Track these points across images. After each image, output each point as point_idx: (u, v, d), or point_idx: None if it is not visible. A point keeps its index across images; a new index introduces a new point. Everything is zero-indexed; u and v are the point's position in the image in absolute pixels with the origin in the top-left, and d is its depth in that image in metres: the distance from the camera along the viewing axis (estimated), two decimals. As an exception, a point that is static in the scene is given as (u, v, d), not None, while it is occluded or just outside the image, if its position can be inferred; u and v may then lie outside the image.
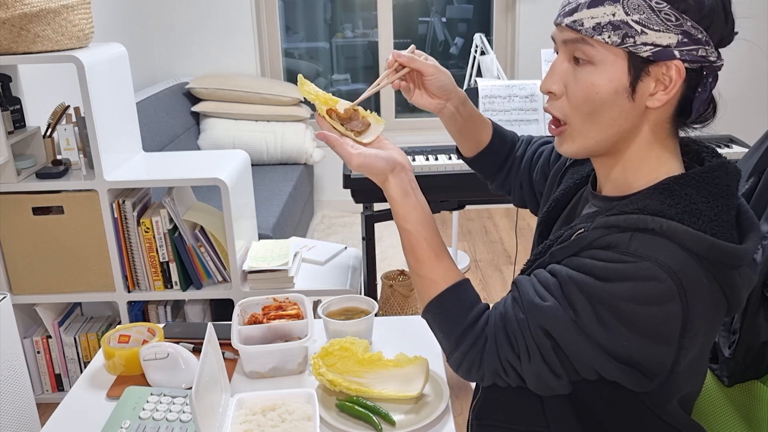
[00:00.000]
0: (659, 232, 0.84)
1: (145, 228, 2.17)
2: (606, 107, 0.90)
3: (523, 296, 0.92)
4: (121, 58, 2.25)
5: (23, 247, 2.18)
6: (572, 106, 0.93)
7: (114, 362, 1.28)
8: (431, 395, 1.18)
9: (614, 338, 0.86)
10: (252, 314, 1.34)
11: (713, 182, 0.90)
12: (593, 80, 0.89)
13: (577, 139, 0.94)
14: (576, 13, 0.89)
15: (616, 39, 0.86)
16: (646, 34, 0.86)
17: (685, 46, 0.86)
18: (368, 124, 1.10)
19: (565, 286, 0.88)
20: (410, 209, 1.01)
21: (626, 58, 0.87)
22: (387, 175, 1.01)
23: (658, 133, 0.93)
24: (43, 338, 2.33)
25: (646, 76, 0.88)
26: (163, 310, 2.37)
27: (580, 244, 0.90)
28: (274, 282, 2.14)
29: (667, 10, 0.85)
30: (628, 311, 0.84)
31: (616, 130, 0.92)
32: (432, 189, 2.33)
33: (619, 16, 0.86)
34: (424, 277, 1.01)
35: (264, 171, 3.64)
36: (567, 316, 0.87)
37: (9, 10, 1.91)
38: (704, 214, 0.87)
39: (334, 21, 4.32)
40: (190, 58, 3.97)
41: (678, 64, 0.87)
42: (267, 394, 1.12)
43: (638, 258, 0.83)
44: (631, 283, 0.83)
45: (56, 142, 2.24)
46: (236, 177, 2.20)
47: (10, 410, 1.78)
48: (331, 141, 1.01)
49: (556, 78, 0.94)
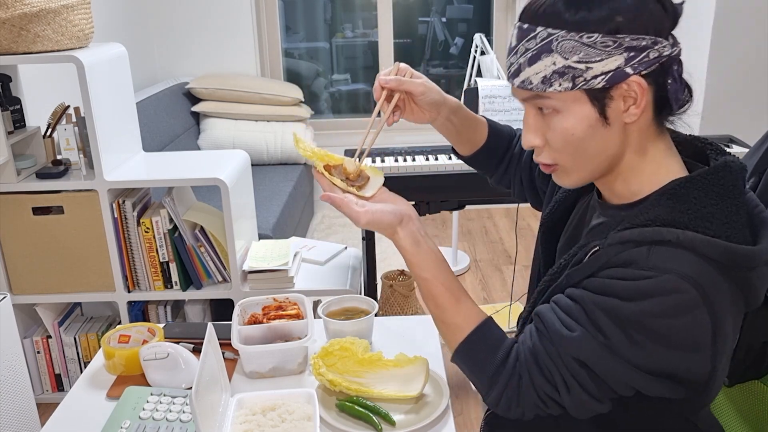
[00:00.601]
0: (676, 243, 0.84)
1: (145, 228, 2.17)
2: (587, 142, 0.91)
3: (549, 328, 0.92)
4: (121, 58, 2.25)
5: (23, 247, 2.18)
6: (557, 152, 0.94)
7: (114, 362, 1.28)
8: (431, 395, 1.17)
9: (649, 356, 0.86)
10: (252, 314, 1.34)
11: (719, 182, 0.90)
12: (564, 125, 0.91)
13: (573, 174, 0.96)
14: (521, 73, 0.91)
15: (567, 84, 0.88)
16: (591, 69, 0.87)
17: (634, 60, 0.87)
18: (367, 177, 1.11)
19: (590, 311, 0.88)
20: (424, 257, 1.02)
21: (585, 95, 0.89)
22: (396, 228, 1.02)
23: (646, 137, 0.94)
24: (43, 338, 2.33)
25: (611, 101, 0.89)
26: (163, 310, 2.37)
27: (597, 263, 0.90)
28: (274, 282, 2.14)
29: (600, 39, 0.86)
30: (657, 327, 0.84)
31: (606, 155, 0.93)
32: (432, 189, 2.33)
33: (559, 63, 0.87)
34: (448, 323, 1.01)
35: (264, 171, 3.64)
36: (597, 342, 0.87)
37: (9, 10, 1.91)
38: (716, 217, 0.87)
39: (334, 21, 4.32)
40: (190, 58, 3.96)
41: (635, 79, 0.87)
42: (267, 394, 1.12)
43: (659, 272, 0.83)
44: (655, 299, 0.83)
45: (56, 142, 2.24)
46: (236, 177, 2.20)
47: (10, 410, 1.78)
48: (336, 202, 1.02)
49: (533, 132, 0.95)
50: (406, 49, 4.32)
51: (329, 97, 4.41)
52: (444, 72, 4.47)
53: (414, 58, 4.38)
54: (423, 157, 2.37)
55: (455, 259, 3.40)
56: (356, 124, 4.30)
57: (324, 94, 4.41)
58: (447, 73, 4.46)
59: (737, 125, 2.96)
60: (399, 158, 2.38)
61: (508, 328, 2.78)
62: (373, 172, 1.12)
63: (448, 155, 2.39)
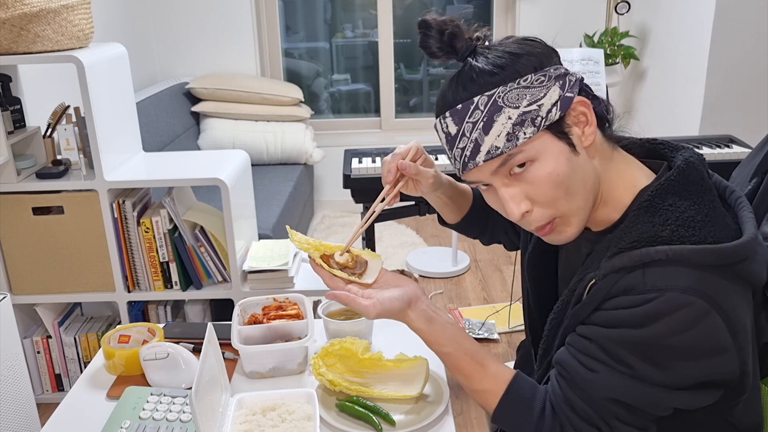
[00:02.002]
0: (666, 261, 0.85)
1: (145, 228, 2.17)
2: (572, 177, 0.91)
3: (574, 375, 0.92)
4: (121, 58, 2.25)
5: (23, 247, 2.18)
6: (548, 204, 0.92)
7: (114, 362, 1.28)
8: (431, 395, 1.17)
9: (677, 374, 0.86)
10: (252, 314, 1.34)
11: (688, 181, 0.91)
12: (548, 170, 0.90)
13: (572, 218, 0.94)
14: (481, 147, 0.90)
15: (531, 129, 0.89)
16: (543, 105, 0.89)
17: (566, 86, 0.91)
18: (365, 262, 1.08)
19: (607, 347, 0.89)
20: (440, 333, 1.03)
21: (549, 132, 0.90)
22: (406, 312, 1.02)
23: (603, 155, 0.96)
24: (43, 338, 2.33)
25: (570, 129, 0.92)
26: (163, 310, 2.37)
27: (599, 297, 0.90)
28: (274, 282, 2.14)
29: (533, 77, 0.90)
30: (676, 345, 0.85)
31: (590, 184, 0.94)
32: (432, 189, 2.33)
33: (514, 114, 0.89)
34: (478, 390, 1.01)
35: (264, 171, 3.64)
36: (623, 376, 0.88)
37: (9, 10, 1.91)
38: (696, 220, 0.88)
39: (334, 21, 4.32)
40: (190, 58, 3.96)
41: (576, 99, 0.92)
42: (267, 394, 1.12)
43: (659, 291, 0.84)
44: (665, 319, 0.84)
45: (56, 142, 2.24)
46: (236, 177, 2.20)
47: (10, 410, 1.78)
48: (342, 299, 1.01)
49: (517, 201, 0.93)
50: (406, 49, 4.32)
51: (329, 97, 4.41)
52: (444, 72, 4.46)
53: (414, 58, 4.38)
54: (423, 157, 2.36)
55: (455, 259, 3.40)
56: (356, 124, 4.30)
57: (324, 94, 4.41)
58: (447, 73, 4.44)
59: (737, 125, 2.96)
60: (399, 158, 2.38)
61: (508, 328, 2.78)
62: (369, 255, 1.10)
63: (448, 155, 2.39)
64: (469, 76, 0.91)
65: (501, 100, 0.89)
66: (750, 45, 2.99)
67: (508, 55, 0.91)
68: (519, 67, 0.90)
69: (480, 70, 0.91)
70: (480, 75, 0.90)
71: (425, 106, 4.49)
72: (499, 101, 0.89)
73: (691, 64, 3.17)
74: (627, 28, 3.68)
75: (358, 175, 2.32)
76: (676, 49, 3.33)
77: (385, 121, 4.27)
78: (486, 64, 0.91)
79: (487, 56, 0.92)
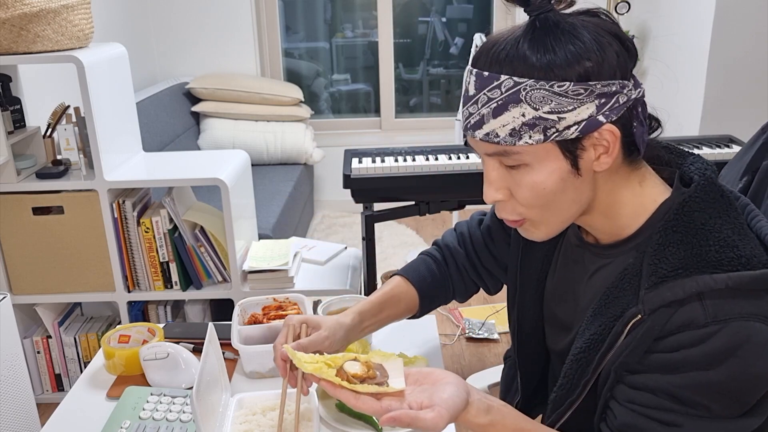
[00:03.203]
0: (726, 290, 0.79)
1: (145, 228, 2.17)
2: (559, 195, 0.86)
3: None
4: (121, 58, 2.25)
5: (23, 247, 2.18)
6: (525, 206, 0.88)
7: (114, 362, 1.28)
8: (431, 395, 1.17)
9: (751, 399, 0.82)
10: (252, 314, 1.34)
11: (711, 198, 0.86)
12: (534, 179, 0.85)
13: (541, 227, 0.91)
14: (484, 125, 0.84)
15: (538, 137, 0.82)
16: (564, 119, 0.81)
17: (605, 107, 0.82)
18: (379, 365, 0.90)
19: (679, 396, 0.82)
20: (502, 417, 0.88)
21: (557, 147, 0.83)
22: (467, 409, 0.86)
23: (618, 178, 0.89)
24: (43, 338, 2.33)
25: (583, 151, 0.84)
26: (163, 310, 2.37)
27: (651, 336, 0.82)
28: (274, 282, 2.14)
29: (571, 87, 0.80)
30: (751, 378, 0.80)
31: (578, 206, 0.89)
32: (432, 189, 2.33)
33: (529, 114, 0.81)
34: None
35: (264, 171, 3.64)
36: (703, 420, 0.82)
37: (9, 10, 1.91)
38: (736, 242, 0.82)
39: (334, 21, 4.32)
40: (190, 58, 3.96)
41: (607, 127, 0.82)
42: (267, 394, 1.12)
43: (722, 323, 0.78)
44: (735, 355, 0.78)
45: (56, 142, 2.24)
46: (236, 177, 2.20)
47: (10, 410, 1.78)
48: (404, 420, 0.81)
49: (496, 186, 0.88)
50: (406, 49, 4.32)
51: (329, 97, 4.41)
52: (444, 72, 4.47)
53: (414, 58, 4.38)
54: (423, 157, 2.37)
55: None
56: (356, 124, 4.30)
57: (324, 94, 4.41)
58: (447, 73, 4.46)
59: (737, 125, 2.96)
60: (399, 158, 2.38)
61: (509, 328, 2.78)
62: (381, 356, 0.92)
63: (447, 155, 2.39)
64: (512, 50, 0.82)
65: (524, 93, 0.81)
66: (750, 45, 2.99)
67: (566, 48, 0.81)
68: (562, 71, 0.80)
69: (522, 51, 0.81)
70: (519, 55, 0.81)
71: (425, 106, 4.49)
72: (522, 94, 0.81)
73: (691, 64, 3.17)
74: (627, 28, 3.68)
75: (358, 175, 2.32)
76: (676, 49, 3.33)
77: (385, 121, 4.27)
78: (534, 47, 0.81)
79: (550, 33, 0.81)
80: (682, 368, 0.81)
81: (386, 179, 2.31)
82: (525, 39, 0.82)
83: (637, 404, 0.85)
